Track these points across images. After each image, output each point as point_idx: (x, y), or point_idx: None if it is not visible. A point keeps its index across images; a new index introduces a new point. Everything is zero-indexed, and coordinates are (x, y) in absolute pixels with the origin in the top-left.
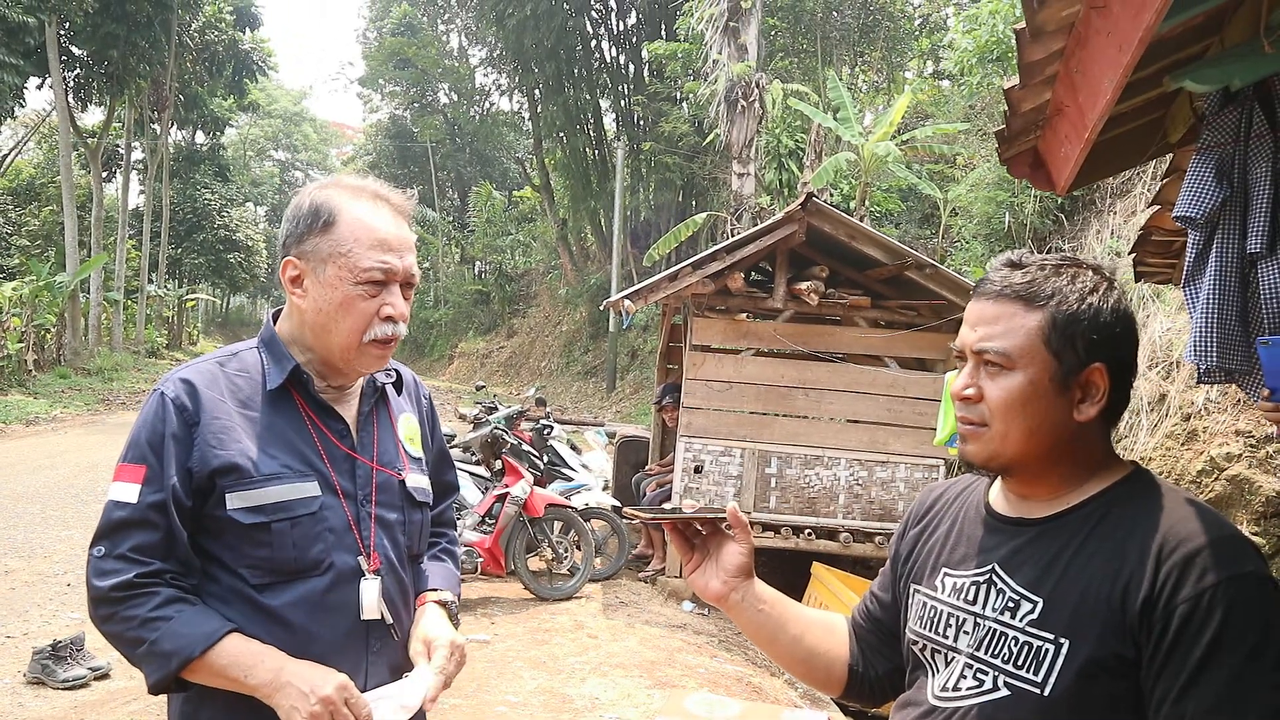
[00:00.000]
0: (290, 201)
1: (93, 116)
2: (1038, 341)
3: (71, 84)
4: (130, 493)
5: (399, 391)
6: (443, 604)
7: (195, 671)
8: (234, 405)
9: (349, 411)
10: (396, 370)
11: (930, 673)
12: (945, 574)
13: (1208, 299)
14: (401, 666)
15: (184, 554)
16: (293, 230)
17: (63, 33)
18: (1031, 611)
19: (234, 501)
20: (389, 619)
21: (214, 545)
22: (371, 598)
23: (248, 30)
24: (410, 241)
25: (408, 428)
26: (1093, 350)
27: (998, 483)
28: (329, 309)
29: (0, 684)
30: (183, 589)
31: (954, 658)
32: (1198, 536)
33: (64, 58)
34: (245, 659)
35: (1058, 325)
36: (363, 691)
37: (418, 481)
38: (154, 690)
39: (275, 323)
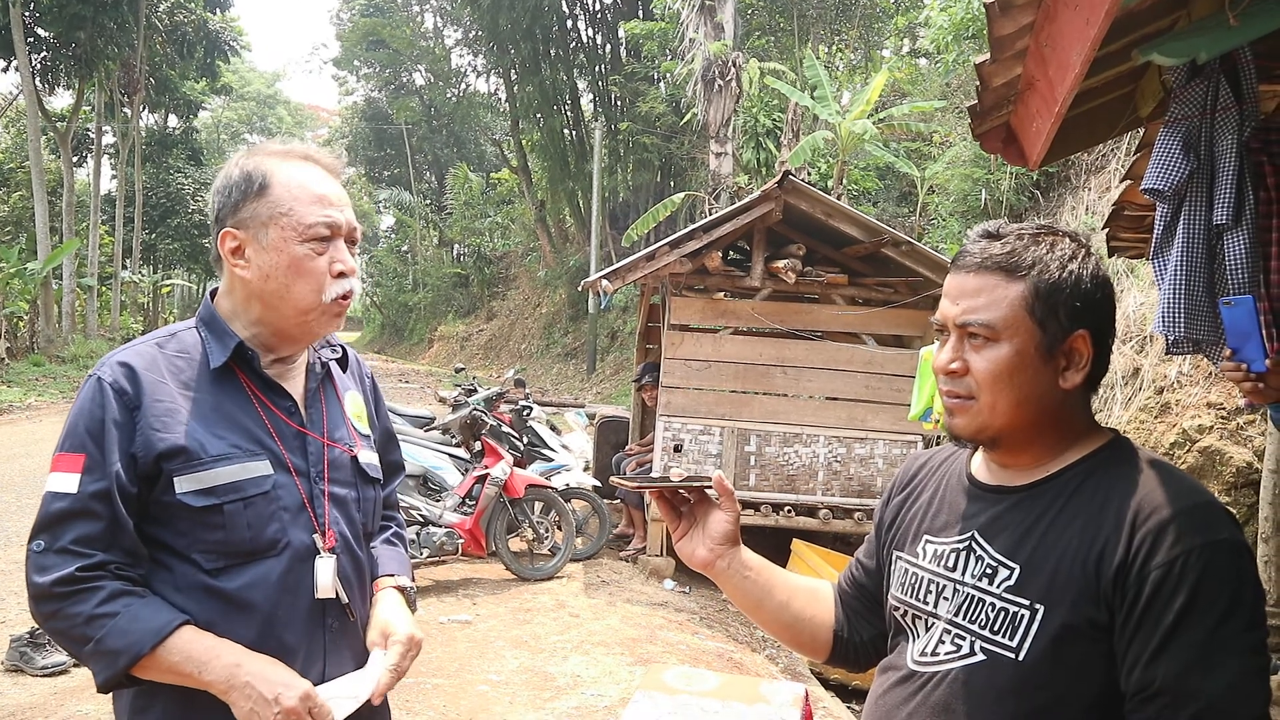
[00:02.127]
0: (217, 176)
1: (62, 100)
2: (1021, 311)
3: (38, 66)
4: (69, 483)
5: (343, 369)
6: (401, 590)
7: (146, 668)
8: (175, 386)
9: (295, 388)
10: (341, 346)
11: (910, 638)
12: (927, 541)
13: (1175, 270)
14: (360, 648)
15: (130, 544)
16: (225, 201)
17: (28, 14)
18: (1009, 578)
19: (183, 485)
20: (344, 598)
21: (163, 532)
22: (326, 577)
23: (218, 10)
24: (346, 198)
25: (354, 405)
26: (1076, 317)
27: (980, 451)
28: (278, 273)
29: None
30: (130, 580)
31: (933, 623)
32: (1172, 503)
33: (30, 39)
34: (199, 654)
35: (1041, 294)
36: (323, 672)
37: (369, 458)
38: (103, 689)
39: (214, 300)
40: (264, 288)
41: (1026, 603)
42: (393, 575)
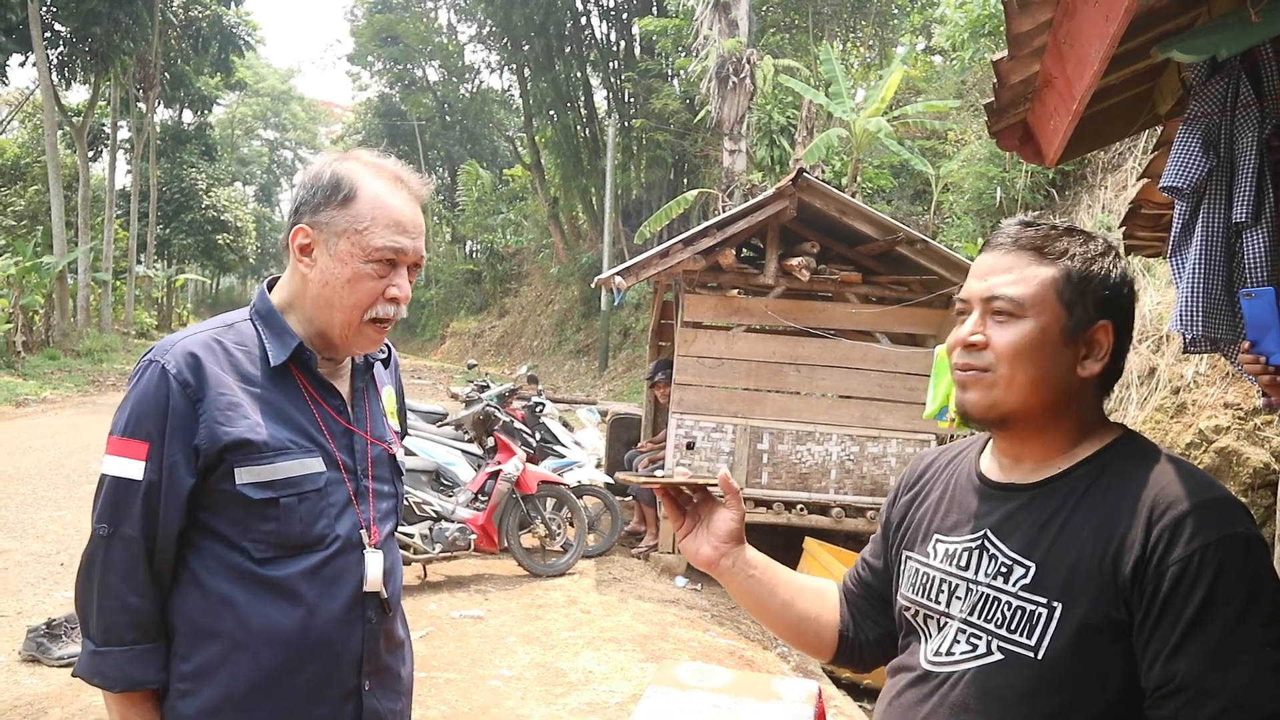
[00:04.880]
0: (306, 169)
1: (78, 95)
2: (1050, 291)
3: (55, 61)
4: (134, 469)
5: (385, 367)
6: None
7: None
8: (236, 380)
9: (344, 386)
10: (387, 346)
11: (922, 638)
12: (937, 540)
13: (1194, 268)
14: (396, 639)
15: (166, 539)
16: (308, 199)
17: (45, 9)
18: (1024, 576)
19: (243, 476)
20: (384, 592)
21: (215, 519)
22: (376, 571)
23: (231, 5)
24: (422, 226)
25: (389, 401)
26: (1103, 307)
27: (989, 449)
28: (336, 283)
29: None
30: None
31: (946, 623)
32: (1188, 498)
33: (47, 34)
34: None
35: (1071, 278)
36: (360, 664)
37: (401, 455)
38: (75, 674)
39: (270, 292)
40: (319, 291)
41: (1044, 601)
42: None
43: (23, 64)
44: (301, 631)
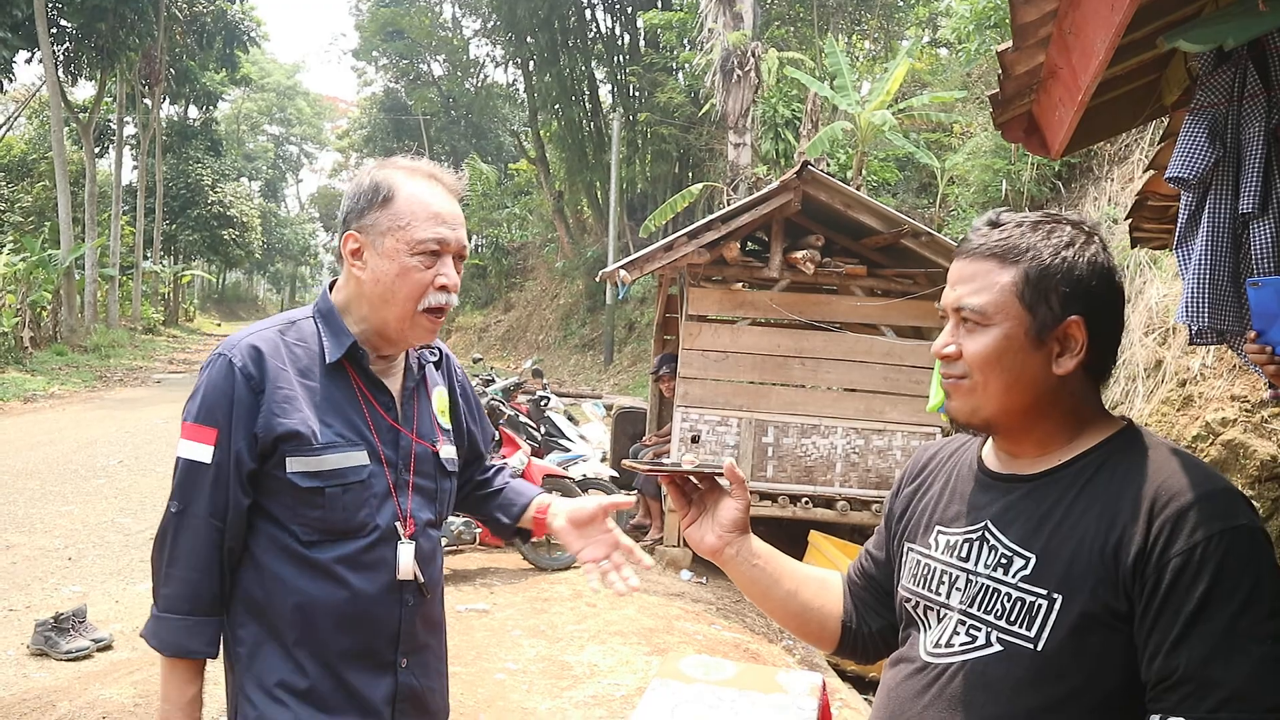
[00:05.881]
0: (351, 181)
1: (84, 91)
2: (1011, 296)
3: (61, 58)
4: (204, 453)
5: (438, 368)
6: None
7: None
8: (294, 374)
9: (395, 385)
10: (439, 349)
11: (922, 629)
12: (939, 531)
13: (1200, 260)
14: (435, 619)
15: (238, 515)
16: (354, 206)
17: (51, 5)
18: (1024, 567)
19: (294, 465)
20: (420, 578)
21: (269, 502)
22: (407, 560)
23: (235, 0)
24: (461, 217)
25: (440, 401)
26: (1067, 303)
27: (990, 440)
28: (387, 279)
29: (4, 655)
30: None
31: (946, 614)
32: (1190, 490)
33: (53, 31)
34: (174, 693)
35: (1030, 280)
36: (397, 642)
37: (449, 453)
38: (141, 634)
39: (331, 293)
40: (373, 290)
41: (1044, 592)
42: (541, 493)
43: (29, 61)
44: (342, 607)
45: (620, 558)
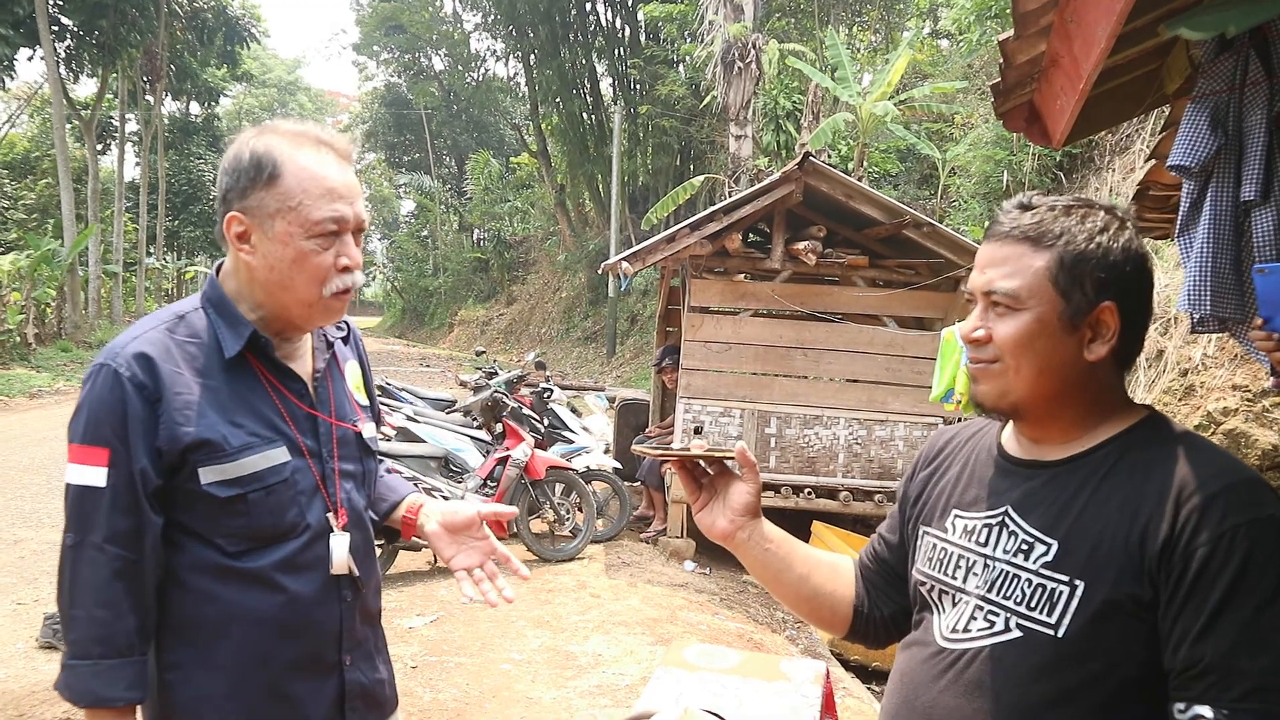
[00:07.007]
0: (226, 152)
1: (85, 88)
2: (1044, 281)
3: (63, 55)
4: (97, 476)
5: (345, 344)
6: (427, 493)
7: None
8: (192, 375)
9: (303, 368)
10: (346, 323)
11: (937, 613)
12: (956, 515)
13: (1202, 247)
14: (372, 614)
15: (154, 541)
16: (233, 184)
17: (52, 2)
18: (1046, 553)
19: (207, 475)
20: (356, 571)
21: (186, 516)
22: (341, 554)
23: None
24: (357, 187)
25: (354, 376)
26: (1101, 289)
27: (1010, 425)
28: (282, 266)
29: (14, 648)
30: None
31: (962, 599)
32: (1217, 479)
33: (54, 28)
34: None
35: (1065, 264)
36: (340, 641)
37: (370, 431)
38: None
39: (219, 278)
40: (268, 277)
41: (1065, 579)
42: (414, 494)
43: (30, 58)
44: (281, 616)
45: (494, 567)
